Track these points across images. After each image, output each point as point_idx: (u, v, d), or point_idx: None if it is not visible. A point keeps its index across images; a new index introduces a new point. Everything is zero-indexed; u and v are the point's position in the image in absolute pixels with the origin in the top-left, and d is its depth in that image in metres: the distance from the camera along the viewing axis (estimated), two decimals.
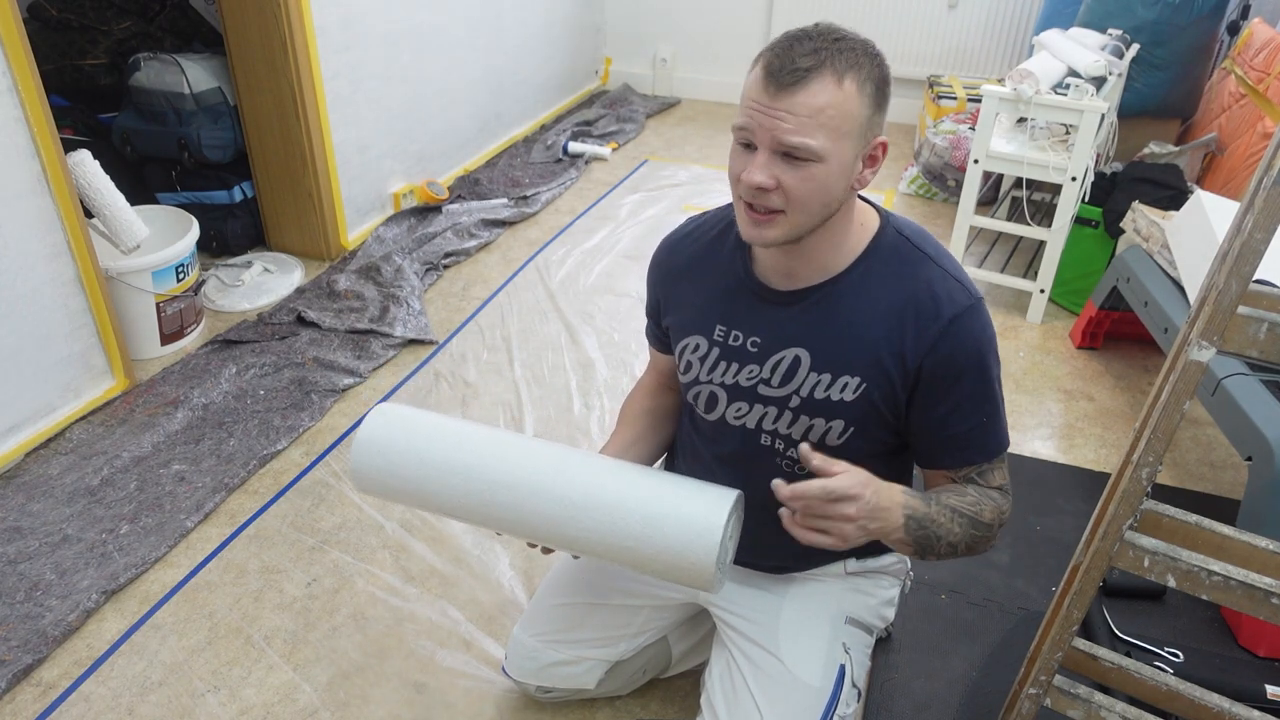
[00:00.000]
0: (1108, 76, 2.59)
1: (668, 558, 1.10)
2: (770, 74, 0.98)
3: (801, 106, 0.97)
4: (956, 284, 1.10)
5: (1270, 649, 1.64)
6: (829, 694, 1.24)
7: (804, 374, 1.13)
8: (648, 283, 1.33)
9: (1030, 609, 1.72)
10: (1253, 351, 0.94)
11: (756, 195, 1.02)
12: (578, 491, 1.12)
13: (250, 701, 1.53)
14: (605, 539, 1.12)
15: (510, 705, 1.52)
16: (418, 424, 1.21)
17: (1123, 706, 1.19)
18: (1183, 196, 2.49)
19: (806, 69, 0.97)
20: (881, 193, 3.63)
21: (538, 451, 1.18)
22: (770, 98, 0.98)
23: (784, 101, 0.97)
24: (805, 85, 0.97)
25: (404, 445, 1.19)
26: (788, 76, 0.97)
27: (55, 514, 1.88)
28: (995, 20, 4.04)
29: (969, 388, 1.10)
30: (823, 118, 0.98)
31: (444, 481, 1.17)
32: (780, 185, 1.00)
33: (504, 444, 1.18)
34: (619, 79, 4.83)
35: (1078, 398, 2.40)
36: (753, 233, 1.05)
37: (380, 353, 2.48)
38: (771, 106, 0.98)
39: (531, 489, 1.13)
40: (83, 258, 2.10)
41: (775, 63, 0.98)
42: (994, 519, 1.13)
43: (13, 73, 1.88)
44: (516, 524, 1.16)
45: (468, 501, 1.17)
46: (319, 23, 2.69)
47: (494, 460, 1.16)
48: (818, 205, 1.03)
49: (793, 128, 0.98)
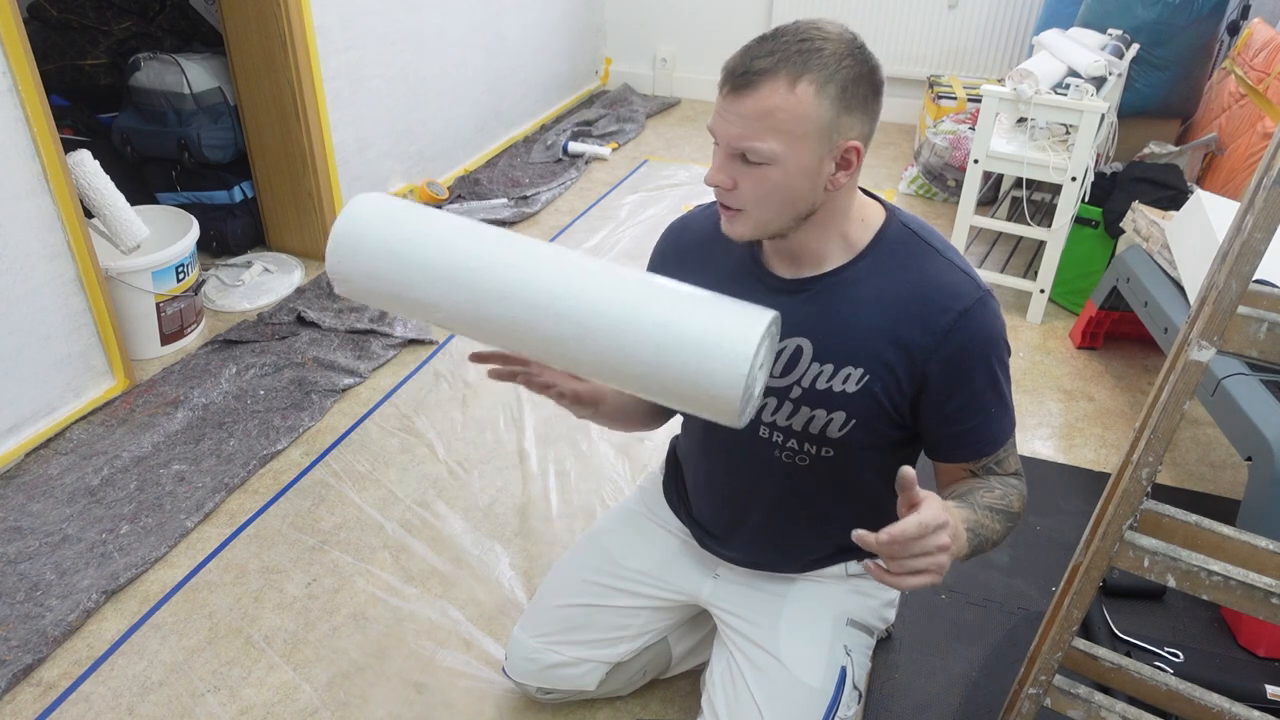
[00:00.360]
0: (1108, 76, 2.59)
1: (686, 389, 0.94)
2: (727, 76, 0.99)
3: (750, 109, 0.97)
4: (964, 276, 1.09)
5: (1270, 649, 1.64)
6: (830, 695, 1.24)
7: (806, 364, 1.13)
8: (653, 261, 1.31)
9: (1030, 609, 1.72)
10: (1253, 351, 0.94)
11: (719, 194, 1.04)
12: (585, 307, 0.95)
13: (250, 701, 1.53)
14: (616, 365, 0.96)
15: (510, 705, 1.52)
16: (404, 218, 1.04)
17: (1123, 706, 1.19)
18: (1183, 196, 2.49)
19: (758, 72, 0.97)
20: (881, 192, 3.61)
21: (537, 254, 1.00)
22: (725, 100, 0.99)
23: (735, 104, 0.98)
24: (755, 89, 0.97)
25: (386, 243, 1.02)
26: (739, 80, 0.97)
27: (55, 514, 1.88)
28: (995, 20, 4.04)
29: (981, 382, 1.10)
30: (772, 121, 0.97)
31: (433, 288, 1.00)
32: (737, 185, 1.02)
33: (502, 245, 1.01)
34: (619, 79, 4.83)
35: (1078, 398, 2.40)
36: (725, 227, 1.07)
37: (380, 353, 2.48)
38: (726, 109, 0.99)
39: (531, 302, 0.97)
40: (83, 258, 2.10)
41: (733, 65, 0.99)
42: (1021, 507, 1.14)
43: (13, 73, 1.88)
44: (512, 340, 1.01)
45: (458, 313, 1.01)
46: (319, 22, 2.69)
47: (491, 265, 0.99)
48: (777, 204, 1.03)
49: (740, 132, 0.98)
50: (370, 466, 2.08)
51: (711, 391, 0.93)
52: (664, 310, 0.94)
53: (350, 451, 2.13)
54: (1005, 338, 1.12)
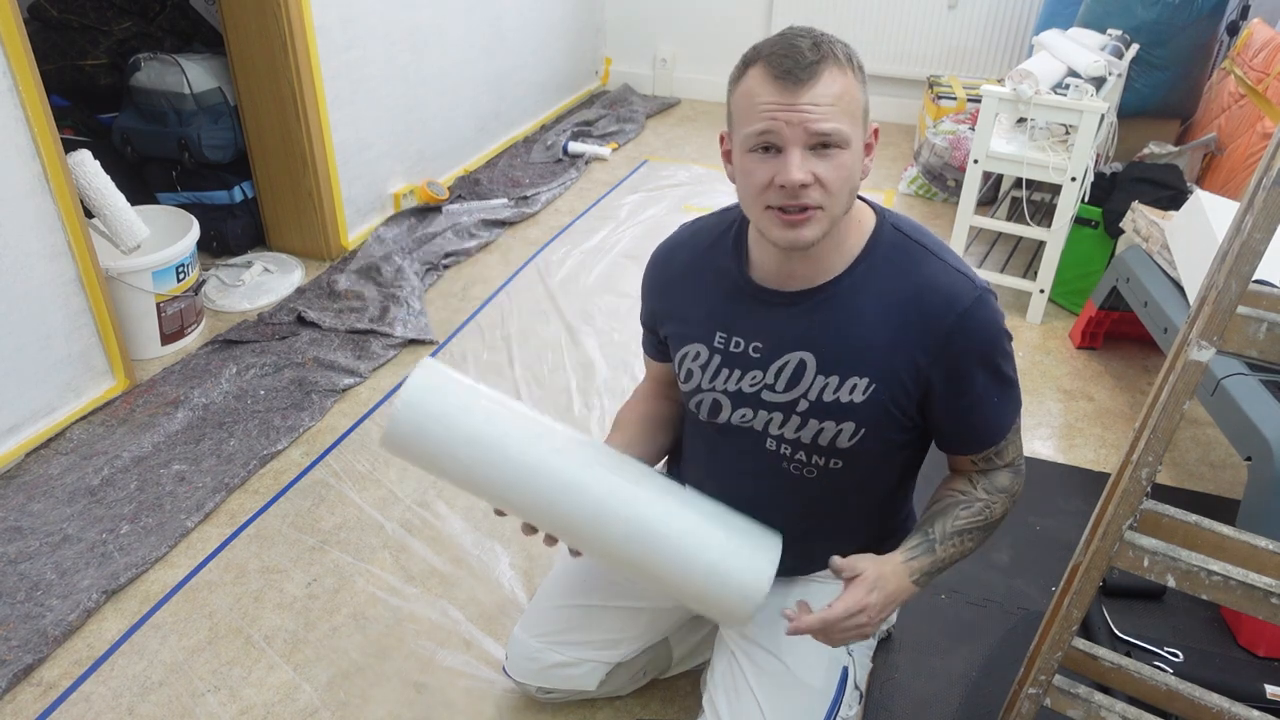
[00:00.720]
0: (1107, 77, 2.59)
1: (702, 605, 1.13)
2: (784, 72, 0.99)
3: (823, 95, 0.99)
4: (960, 276, 1.09)
5: (1270, 649, 1.64)
6: (832, 696, 1.24)
7: (810, 377, 1.12)
8: (643, 291, 1.31)
9: (1030, 609, 1.72)
10: (1252, 351, 0.94)
11: (796, 194, 1.00)
12: (623, 512, 1.09)
13: (250, 701, 1.53)
14: (643, 568, 1.12)
15: (510, 705, 1.52)
16: (466, 396, 1.12)
17: (1122, 706, 1.19)
18: (1182, 196, 2.49)
19: (817, 60, 0.99)
20: (881, 193, 3.63)
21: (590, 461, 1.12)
22: (790, 95, 0.98)
23: (806, 94, 0.98)
24: (820, 75, 0.99)
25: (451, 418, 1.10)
26: (804, 71, 0.98)
27: (56, 514, 1.88)
28: (995, 20, 4.04)
29: (985, 378, 1.11)
30: (842, 103, 1.00)
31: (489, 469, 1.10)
32: (817, 179, 1.01)
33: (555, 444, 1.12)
34: (619, 79, 4.83)
35: (1077, 398, 2.40)
36: (790, 235, 1.03)
37: (380, 353, 2.48)
38: (794, 103, 0.98)
39: (579, 501, 1.09)
40: (83, 258, 2.10)
41: (784, 62, 0.99)
42: (1005, 508, 1.19)
43: (13, 73, 1.88)
44: (552, 527, 1.12)
45: (508, 494, 1.11)
46: (319, 22, 2.69)
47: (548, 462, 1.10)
48: (847, 194, 1.04)
49: (822, 115, 0.98)
50: (370, 466, 2.08)
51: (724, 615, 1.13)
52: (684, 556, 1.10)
53: (350, 451, 2.13)
54: (1005, 328, 1.12)
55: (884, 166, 3.90)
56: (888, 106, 4.42)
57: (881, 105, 4.43)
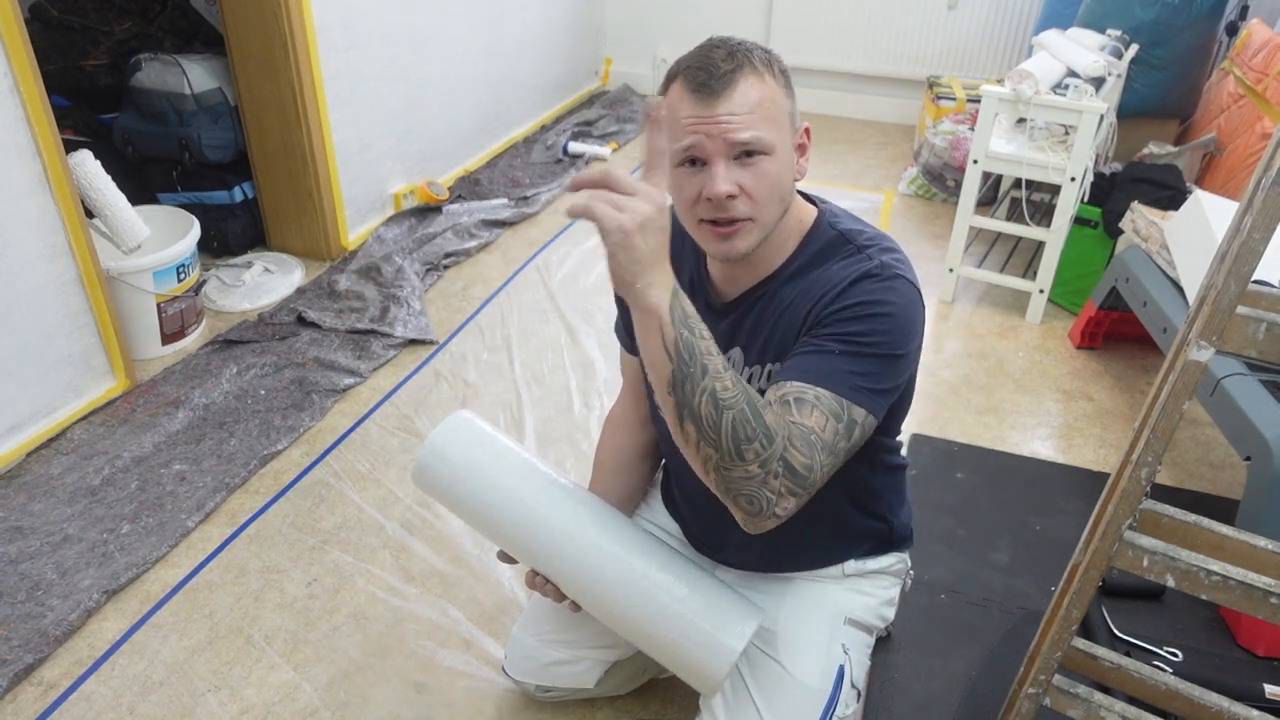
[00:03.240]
0: (1107, 77, 2.60)
1: (678, 667, 1.22)
2: (699, 85, 1.00)
3: (740, 104, 0.99)
4: (880, 264, 1.05)
5: (1269, 649, 1.64)
6: (828, 695, 1.24)
7: (740, 370, 1.16)
8: (616, 295, 1.31)
9: (1030, 609, 1.72)
10: (1251, 351, 0.94)
11: (723, 206, 1.01)
12: (621, 575, 1.21)
13: (250, 701, 1.53)
14: (628, 626, 1.22)
15: (510, 705, 1.52)
16: (496, 445, 1.26)
17: (1122, 706, 1.19)
18: (1182, 197, 2.49)
19: (732, 69, 0.99)
20: (881, 193, 3.63)
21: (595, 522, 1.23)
22: (708, 107, 0.99)
23: (723, 105, 0.99)
24: (735, 84, 0.99)
25: (479, 457, 1.24)
26: (719, 82, 0.99)
27: (56, 514, 1.88)
28: (995, 20, 4.04)
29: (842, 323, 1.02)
30: (760, 110, 1.00)
31: (506, 510, 1.22)
32: (742, 190, 1.02)
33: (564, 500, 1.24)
34: (619, 79, 4.83)
35: (1077, 398, 2.40)
36: (724, 247, 1.05)
37: (380, 353, 2.48)
38: (713, 115, 0.99)
39: (581, 559, 1.21)
40: (83, 258, 2.11)
41: (700, 74, 1.00)
42: (774, 429, 0.93)
43: (14, 73, 1.89)
44: (553, 574, 1.23)
45: (516, 539, 1.23)
46: (319, 23, 2.69)
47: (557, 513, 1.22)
48: (776, 201, 1.04)
49: (741, 124, 0.99)
50: (370, 466, 2.08)
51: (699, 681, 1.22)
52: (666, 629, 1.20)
53: (350, 451, 2.13)
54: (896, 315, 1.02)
55: (884, 166, 3.90)
56: (888, 106, 4.42)
57: (881, 105, 4.43)
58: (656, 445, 1.43)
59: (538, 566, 1.24)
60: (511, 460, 1.25)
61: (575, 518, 1.22)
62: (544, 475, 1.26)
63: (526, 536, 1.22)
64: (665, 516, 1.43)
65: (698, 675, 1.20)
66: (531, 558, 1.24)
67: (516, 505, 1.21)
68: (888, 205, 3.53)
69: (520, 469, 1.24)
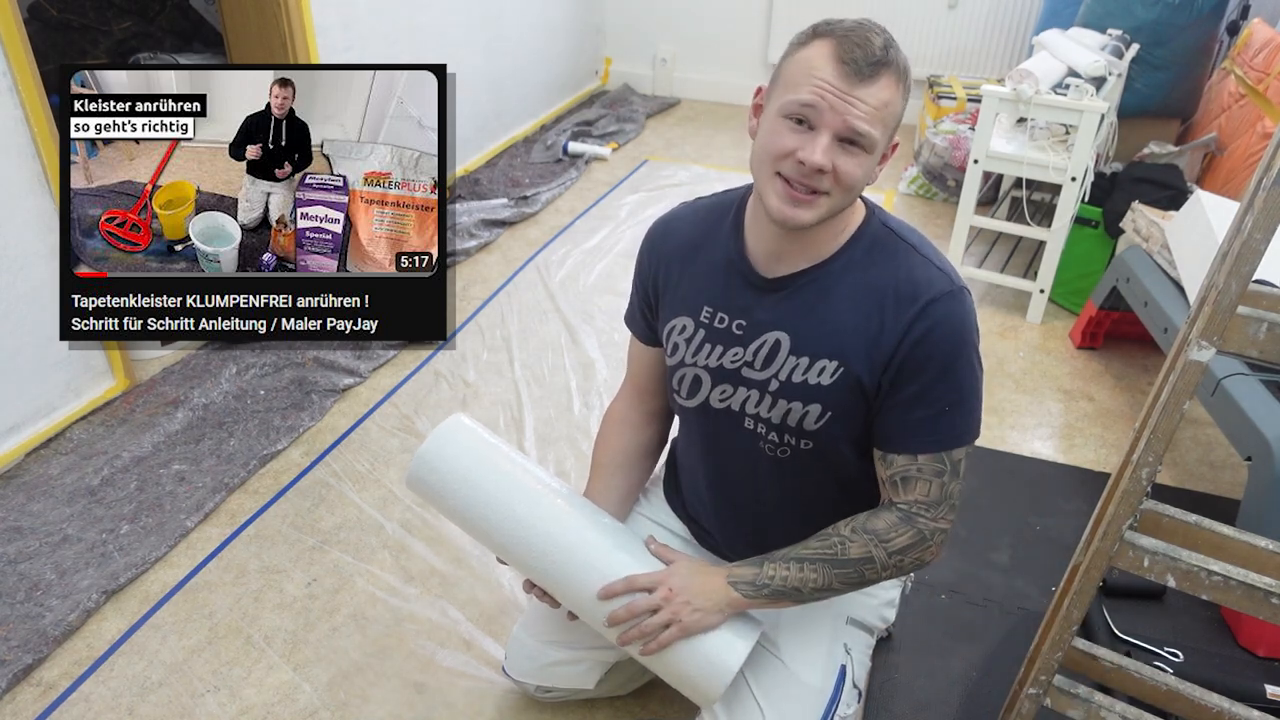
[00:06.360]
0: (1107, 77, 2.59)
1: (674, 681, 1.22)
2: (849, 61, 0.99)
3: (874, 98, 1.00)
4: (938, 271, 1.10)
5: (1270, 649, 1.64)
6: (830, 694, 1.24)
7: (783, 357, 1.14)
8: (640, 260, 1.31)
9: (1030, 609, 1.72)
10: (1252, 351, 0.94)
11: (811, 175, 1.02)
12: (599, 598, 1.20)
13: (250, 701, 1.53)
14: None
15: (510, 705, 1.52)
16: (489, 454, 1.26)
17: (1123, 706, 1.19)
18: (1182, 196, 2.49)
19: (884, 63, 1.00)
20: (881, 193, 3.63)
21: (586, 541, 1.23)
22: (847, 84, 0.99)
23: (860, 90, 0.99)
24: (878, 79, 1.00)
25: (471, 467, 1.24)
26: (869, 68, 0.99)
27: (55, 514, 1.88)
28: (995, 20, 4.04)
29: (937, 373, 1.09)
30: (885, 112, 1.02)
31: (498, 521, 1.22)
32: (835, 169, 1.02)
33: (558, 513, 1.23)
34: (619, 79, 4.83)
35: (1077, 398, 2.40)
36: (789, 212, 1.05)
37: (380, 353, 2.48)
38: (848, 93, 1.00)
39: (575, 568, 1.21)
40: None
41: (855, 51, 0.99)
42: (863, 554, 1.12)
43: (13, 73, 1.88)
44: (547, 588, 1.24)
45: (508, 551, 1.23)
46: (319, 23, 2.68)
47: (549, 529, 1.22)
48: (854, 191, 1.06)
49: (864, 116, 1.00)
50: (370, 466, 2.08)
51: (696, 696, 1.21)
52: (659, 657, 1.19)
53: (350, 451, 2.13)
54: (974, 337, 1.10)
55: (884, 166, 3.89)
56: None
57: None
58: (657, 443, 1.42)
59: (532, 579, 1.25)
60: (504, 470, 1.24)
61: (567, 533, 1.21)
62: (537, 486, 1.24)
63: (521, 550, 1.21)
64: (669, 515, 1.43)
65: (694, 690, 1.19)
66: (525, 570, 1.24)
67: (508, 519, 1.21)
68: (888, 205, 3.53)
69: (513, 480, 1.23)
